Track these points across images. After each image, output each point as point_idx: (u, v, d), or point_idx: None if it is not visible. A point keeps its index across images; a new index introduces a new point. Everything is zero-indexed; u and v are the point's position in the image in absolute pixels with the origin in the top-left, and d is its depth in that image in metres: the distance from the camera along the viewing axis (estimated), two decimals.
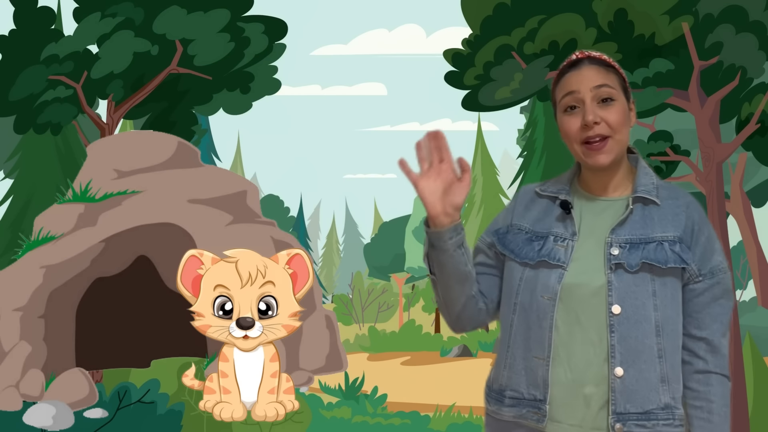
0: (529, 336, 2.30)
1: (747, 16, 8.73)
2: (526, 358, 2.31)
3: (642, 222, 2.30)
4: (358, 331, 22.73)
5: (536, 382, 2.29)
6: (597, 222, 2.34)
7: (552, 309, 2.27)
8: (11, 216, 16.15)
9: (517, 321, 2.33)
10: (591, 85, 2.31)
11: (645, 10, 8.80)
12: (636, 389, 2.22)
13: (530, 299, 2.31)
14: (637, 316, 2.23)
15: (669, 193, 2.35)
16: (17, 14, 11.18)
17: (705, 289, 2.29)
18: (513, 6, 9.16)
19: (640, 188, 2.33)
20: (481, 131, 25.14)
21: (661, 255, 2.25)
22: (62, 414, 7.25)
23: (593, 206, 2.37)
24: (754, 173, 17.48)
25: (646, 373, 2.22)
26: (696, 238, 2.30)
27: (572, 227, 2.34)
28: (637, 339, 2.22)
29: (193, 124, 12.49)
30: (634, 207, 2.32)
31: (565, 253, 2.31)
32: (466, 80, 9.75)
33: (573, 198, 2.40)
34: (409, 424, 8.26)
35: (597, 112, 2.29)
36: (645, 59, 8.95)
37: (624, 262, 2.25)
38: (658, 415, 2.23)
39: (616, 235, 2.29)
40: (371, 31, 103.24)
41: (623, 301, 2.23)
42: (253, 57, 11.83)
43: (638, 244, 2.27)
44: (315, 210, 44.30)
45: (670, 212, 2.31)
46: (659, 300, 2.24)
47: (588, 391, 2.24)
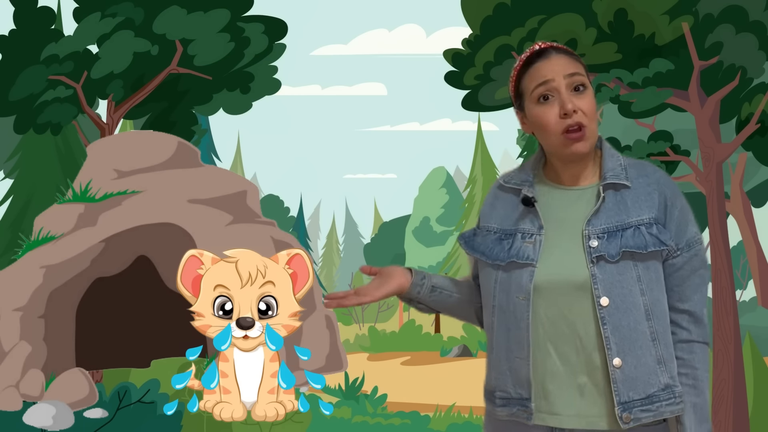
0: (509, 337, 2.32)
1: (747, 16, 8.74)
2: (509, 359, 2.33)
3: (616, 208, 2.29)
4: (358, 331, 22.74)
5: (521, 381, 2.31)
6: (569, 214, 2.32)
7: (527, 308, 2.28)
8: (11, 216, 16.14)
9: (497, 323, 2.35)
10: (564, 73, 2.30)
11: (645, 10, 8.80)
12: (636, 376, 2.24)
13: (506, 300, 2.32)
14: (626, 305, 2.24)
15: (638, 171, 2.34)
16: (17, 14, 11.19)
17: (684, 263, 2.31)
18: (513, 6, 9.16)
19: (608, 174, 2.32)
20: (481, 131, 25.15)
21: (639, 240, 2.25)
22: (62, 414, 7.25)
23: (563, 197, 2.36)
24: (754, 173, 17.47)
25: (643, 358, 2.24)
26: (670, 214, 2.31)
27: (538, 221, 2.33)
28: (630, 327, 2.24)
29: (193, 124, 12.49)
30: (606, 194, 2.30)
31: (533, 249, 2.31)
32: (466, 80, 9.75)
33: (538, 189, 2.39)
34: (409, 424, 8.26)
35: (574, 101, 2.28)
36: (645, 59, 8.95)
37: (605, 253, 2.24)
38: (660, 397, 2.26)
39: (593, 225, 2.28)
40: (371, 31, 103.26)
41: (610, 292, 2.24)
42: (253, 57, 11.83)
43: (616, 232, 2.26)
44: (315, 210, 44.30)
45: (642, 192, 2.31)
46: (645, 284, 2.25)
47: (581, 381, 2.26)
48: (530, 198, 2.35)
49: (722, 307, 9.20)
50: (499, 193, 2.46)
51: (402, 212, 28.10)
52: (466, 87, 9.88)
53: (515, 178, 2.43)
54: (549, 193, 2.37)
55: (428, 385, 13.47)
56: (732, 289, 9.31)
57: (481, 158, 24.87)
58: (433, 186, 26.07)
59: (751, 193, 17.64)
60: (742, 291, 22.10)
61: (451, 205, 25.72)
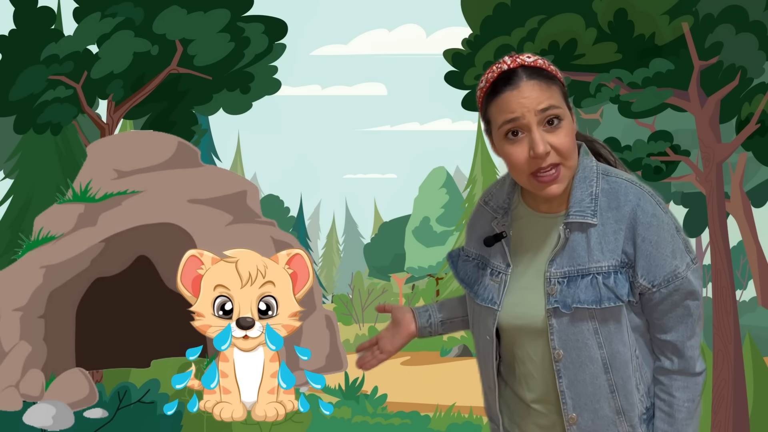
0: (482, 369, 2.33)
1: (747, 16, 8.74)
2: (484, 389, 2.35)
3: (579, 249, 2.12)
4: (358, 331, 22.74)
5: (492, 411, 2.34)
6: (535, 246, 2.20)
7: (491, 350, 2.26)
8: (11, 216, 16.14)
9: (477, 352, 2.35)
10: (535, 108, 2.04)
11: (645, 10, 8.80)
12: (594, 429, 2.17)
13: (478, 335, 2.31)
14: (581, 359, 2.13)
15: (609, 203, 2.12)
16: (17, 14, 11.18)
17: (663, 298, 2.14)
18: (513, 6, 9.16)
19: (573, 209, 2.12)
20: (481, 131, 25.10)
21: (594, 294, 2.10)
22: (62, 414, 7.25)
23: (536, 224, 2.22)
24: (754, 173, 17.47)
25: (601, 411, 2.15)
26: (640, 250, 2.10)
27: (506, 259, 2.21)
28: (586, 381, 2.14)
29: (193, 124, 12.49)
30: (571, 233, 2.13)
31: (498, 290, 2.22)
32: (466, 80, 9.76)
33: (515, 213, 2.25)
34: (409, 424, 8.26)
35: (546, 139, 2.05)
36: (645, 59, 8.95)
37: (559, 305, 2.12)
38: None
39: (555, 267, 2.14)
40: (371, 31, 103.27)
41: (565, 345, 2.13)
42: (253, 57, 11.83)
43: (575, 278, 2.11)
44: (315, 210, 44.32)
45: (609, 231, 2.11)
46: (603, 337, 2.12)
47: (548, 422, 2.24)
48: (495, 236, 2.24)
49: (722, 307, 9.20)
50: (480, 213, 2.32)
51: (402, 212, 28.12)
52: (466, 87, 9.88)
53: (493, 201, 2.28)
54: (524, 219, 2.23)
55: (428, 385, 13.47)
56: (732, 289, 9.31)
57: (481, 158, 24.87)
58: (433, 186, 26.07)
59: (751, 193, 17.64)
60: (742, 291, 22.10)
61: (451, 205, 25.73)
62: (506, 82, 2.07)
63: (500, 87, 2.08)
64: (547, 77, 2.08)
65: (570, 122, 2.10)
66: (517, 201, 2.26)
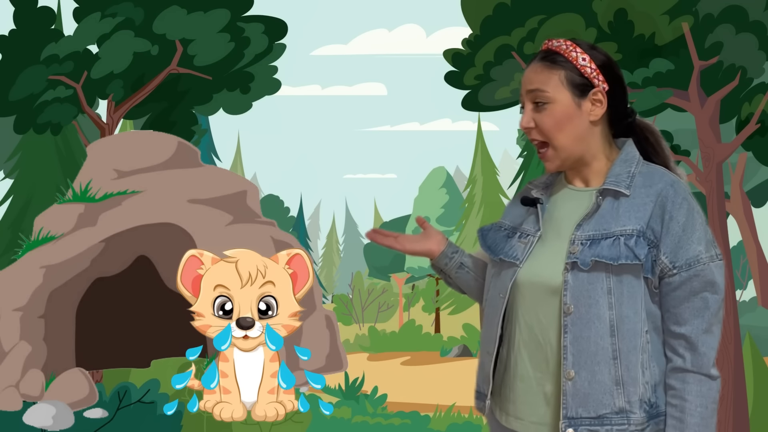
0: (487, 332, 2.33)
1: (747, 16, 8.74)
2: (482, 354, 2.35)
3: (608, 215, 2.20)
4: (358, 331, 22.74)
5: (485, 376, 2.32)
6: (566, 215, 2.28)
7: (501, 306, 2.28)
8: (11, 216, 16.14)
9: (485, 316, 2.36)
10: (527, 88, 2.27)
11: (645, 10, 8.80)
12: (588, 392, 2.14)
13: (492, 296, 2.33)
14: (589, 315, 2.14)
15: (644, 180, 2.23)
16: (17, 14, 11.18)
17: (681, 283, 2.15)
18: (513, 6, 9.17)
19: (609, 179, 2.23)
20: (481, 131, 25.14)
21: (613, 251, 2.14)
22: (62, 414, 7.25)
23: (568, 197, 2.32)
24: (754, 173, 17.47)
25: (599, 375, 2.14)
26: (667, 227, 2.16)
27: (537, 224, 2.31)
28: (590, 339, 2.14)
29: (193, 124, 12.49)
30: (603, 200, 2.22)
31: (523, 250, 2.29)
32: (466, 80, 9.76)
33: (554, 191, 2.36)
34: (409, 424, 8.26)
35: (532, 116, 2.26)
36: (645, 59, 8.95)
37: (578, 260, 2.17)
38: (612, 420, 2.14)
39: (581, 231, 2.21)
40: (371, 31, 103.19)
41: (577, 300, 2.16)
42: (253, 57, 11.83)
43: (597, 240, 2.17)
44: (315, 210, 44.32)
45: (638, 203, 2.19)
46: (615, 298, 2.14)
47: (548, 390, 2.22)
48: (532, 199, 2.34)
49: None
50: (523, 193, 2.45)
51: (402, 212, 28.10)
52: (466, 87, 9.89)
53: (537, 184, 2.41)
54: (561, 194, 2.34)
55: (428, 385, 13.47)
56: (732, 289, 9.32)
57: (481, 158, 24.85)
58: (433, 186, 26.06)
59: (751, 193, 17.64)
60: (742, 291, 22.10)
61: (451, 205, 25.72)
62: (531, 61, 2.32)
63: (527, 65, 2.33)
64: (554, 61, 2.25)
65: (562, 106, 2.23)
66: (559, 178, 2.39)
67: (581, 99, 2.23)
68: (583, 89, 2.23)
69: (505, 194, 23.86)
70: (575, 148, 2.26)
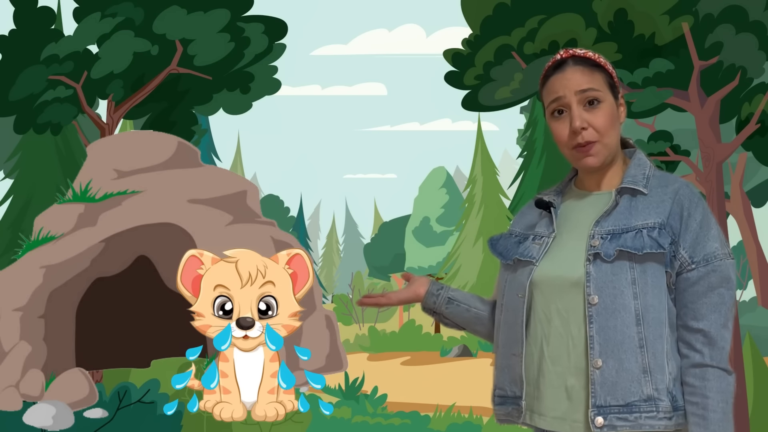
0: (508, 334, 2.35)
1: (747, 16, 8.74)
2: (506, 356, 2.35)
3: (627, 212, 2.27)
4: (358, 331, 22.74)
5: (515, 379, 2.32)
6: (582, 216, 2.35)
7: (522, 305, 2.31)
8: (11, 216, 16.14)
9: (502, 321, 2.38)
10: (576, 89, 2.31)
11: (645, 10, 8.80)
12: (616, 381, 2.17)
13: (510, 298, 2.36)
14: (615, 305, 2.18)
15: (659, 182, 2.32)
16: (17, 14, 11.18)
17: (699, 278, 2.20)
18: (513, 6, 9.16)
19: (627, 179, 2.32)
20: (481, 131, 25.14)
21: (638, 242, 2.21)
22: (62, 414, 7.25)
23: (582, 200, 2.39)
24: (754, 173, 17.48)
25: (626, 363, 2.16)
26: (686, 224, 2.23)
27: (551, 226, 2.37)
28: (616, 329, 2.18)
29: (193, 124, 12.49)
30: (621, 198, 2.30)
31: (539, 249, 2.35)
32: (466, 80, 9.76)
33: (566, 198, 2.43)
34: (409, 424, 8.26)
35: (584, 117, 2.30)
36: (645, 59, 8.95)
37: (601, 251, 2.22)
38: (641, 407, 2.17)
39: (600, 227, 2.27)
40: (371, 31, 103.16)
41: (601, 291, 2.20)
42: (253, 57, 11.83)
43: (619, 234, 2.24)
44: (315, 210, 44.34)
45: (656, 200, 2.28)
46: (639, 288, 2.19)
47: (570, 383, 2.24)
48: (547, 203, 2.40)
49: None
50: (532, 205, 2.50)
51: (402, 212, 28.11)
52: (466, 87, 9.88)
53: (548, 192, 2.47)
54: (574, 200, 2.42)
55: (428, 385, 13.47)
56: None
57: (481, 158, 24.85)
58: (433, 186, 26.06)
59: (751, 193, 17.65)
60: (742, 291, 22.10)
61: (451, 205, 25.72)
62: (555, 69, 2.37)
63: (550, 73, 2.38)
64: (593, 65, 2.36)
65: (611, 106, 2.32)
66: (570, 186, 2.47)
67: (616, 101, 2.35)
68: (615, 93, 2.36)
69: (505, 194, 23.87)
70: (616, 146, 2.36)
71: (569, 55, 2.36)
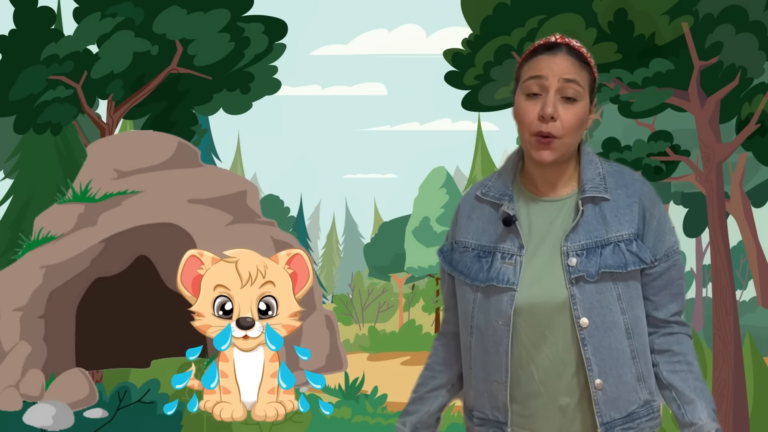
0: (488, 360, 2.26)
1: (747, 16, 8.74)
2: (487, 381, 2.27)
3: (595, 222, 2.21)
4: (358, 331, 22.73)
5: (497, 405, 2.27)
6: (549, 228, 2.24)
7: (507, 334, 2.22)
8: (11, 216, 16.13)
9: (475, 344, 2.29)
10: (561, 75, 2.18)
11: (645, 10, 8.81)
12: (618, 396, 2.21)
13: (485, 323, 2.25)
14: (606, 325, 2.19)
15: (617, 181, 2.25)
16: (17, 14, 11.18)
17: (662, 272, 2.26)
18: (513, 6, 9.17)
19: (587, 186, 2.23)
20: (481, 131, 25.15)
21: (619, 259, 2.19)
22: (62, 414, 7.25)
23: (543, 210, 2.27)
24: (754, 173, 17.46)
25: (624, 377, 2.21)
26: (648, 224, 2.24)
27: (518, 240, 2.24)
28: (611, 347, 2.20)
29: (193, 124, 12.49)
30: (585, 208, 2.22)
31: (514, 272, 2.22)
32: (466, 80, 9.76)
33: (517, 201, 2.28)
34: None
35: (557, 108, 2.17)
36: (645, 59, 8.95)
37: (584, 273, 2.17)
38: (640, 413, 2.24)
39: (571, 242, 2.20)
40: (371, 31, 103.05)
41: (590, 312, 2.18)
42: (253, 57, 11.83)
43: (594, 249, 2.19)
44: (315, 210, 44.30)
45: (622, 204, 2.23)
46: (625, 303, 2.21)
47: (563, 402, 2.23)
48: (511, 218, 2.25)
49: (722, 307, 9.20)
50: (476, 205, 2.34)
51: (402, 212, 28.05)
52: (466, 87, 9.89)
53: (493, 190, 2.31)
54: (528, 206, 2.28)
55: None
56: (732, 289, 9.32)
57: (481, 158, 24.87)
58: (433, 186, 26.04)
59: (751, 193, 17.63)
60: (742, 291, 22.09)
61: (451, 205, 25.69)
62: (546, 49, 2.22)
63: (540, 51, 2.23)
64: (583, 61, 2.23)
65: (585, 108, 2.22)
66: (519, 190, 2.31)
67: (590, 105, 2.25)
68: (592, 97, 2.26)
69: None
70: (574, 149, 2.26)
71: (564, 42, 2.22)
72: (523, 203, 2.29)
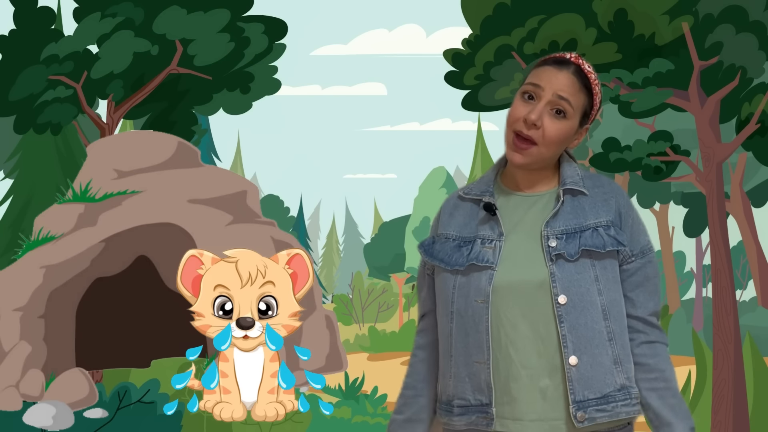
0: (468, 342, 2.29)
1: (747, 16, 8.74)
2: (468, 364, 2.30)
3: (574, 212, 2.32)
4: (358, 331, 22.74)
5: (480, 386, 2.28)
6: (527, 217, 2.35)
7: (486, 312, 2.27)
8: (11, 216, 16.13)
9: (455, 329, 2.32)
10: (556, 91, 2.31)
11: (645, 10, 8.80)
12: (592, 375, 2.24)
13: (465, 305, 2.30)
14: (583, 303, 2.25)
15: (593, 183, 2.38)
16: (17, 14, 11.18)
17: (638, 269, 2.34)
18: (513, 6, 9.17)
19: (567, 180, 2.35)
20: (481, 131, 25.16)
21: (598, 240, 2.28)
22: (62, 414, 7.25)
23: (522, 202, 2.38)
24: (754, 173, 17.46)
25: (599, 357, 2.25)
26: (624, 221, 2.34)
27: (498, 228, 2.34)
28: (587, 325, 2.25)
29: (193, 124, 12.48)
30: (565, 198, 2.33)
31: (493, 253, 2.31)
32: (466, 80, 9.76)
33: (498, 197, 2.40)
34: None
35: (543, 117, 2.29)
36: (645, 59, 8.95)
37: (564, 251, 2.26)
38: (616, 397, 2.27)
39: (551, 227, 2.30)
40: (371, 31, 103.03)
41: (568, 290, 2.25)
42: (253, 57, 11.83)
43: (574, 234, 2.29)
44: (315, 210, 44.26)
45: (599, 199, 2.35)
46: (602, 284, 2.28)
47: (543, 384, 2.25)
48: (492, 205, 2.35)
49: (722, 307, 9.20)
50: (458, 203, 2.44)
51: (402, 212, 28.06)
52: (466, 87, 9.89)
53: (475, 189, 2.43)
54: (508, 200, 2.39)
55: None
56: (732, 289, 9.32)
57: (481, 158, 24.88)
58: (433, 186, 26.05)
59: (751, 193, 17.63)
60: (742, 291, 22.08)
61: None
62: (555, 62, 2.36)
63: (549, 63, 2.36)
64: (585, 86, 2.37)
65: (571, 128, 2.34)
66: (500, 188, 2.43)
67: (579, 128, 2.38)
68: (584, 121, 2.38)
69: None
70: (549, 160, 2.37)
71: (577, 62, 2.37)
72: (504, 198, 2.40)
